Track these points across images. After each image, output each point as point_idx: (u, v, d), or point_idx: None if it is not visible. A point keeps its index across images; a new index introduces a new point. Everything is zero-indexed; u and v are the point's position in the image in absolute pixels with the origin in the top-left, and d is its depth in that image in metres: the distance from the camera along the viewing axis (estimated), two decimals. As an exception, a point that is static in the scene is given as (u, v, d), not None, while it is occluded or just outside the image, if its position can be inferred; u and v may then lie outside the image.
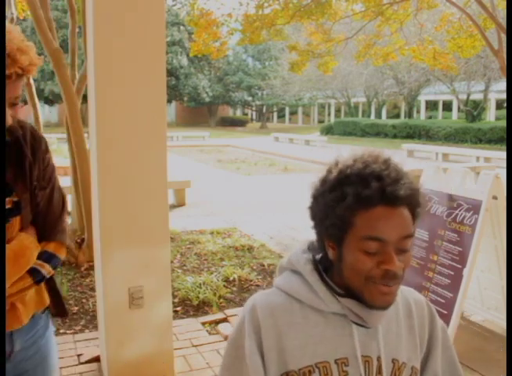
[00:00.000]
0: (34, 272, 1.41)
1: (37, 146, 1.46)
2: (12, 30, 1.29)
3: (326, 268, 1.11)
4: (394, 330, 1.11)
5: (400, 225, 1.00)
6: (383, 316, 1.07)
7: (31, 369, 1.52)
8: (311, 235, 1.14)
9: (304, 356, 1.04)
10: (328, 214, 1.03)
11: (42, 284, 1.49)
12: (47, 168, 1.48)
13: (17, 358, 1.47)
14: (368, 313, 1.04)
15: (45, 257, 1.44)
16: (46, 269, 1.44)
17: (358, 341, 1.06)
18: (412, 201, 1.02)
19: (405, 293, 1.18)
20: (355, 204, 0.99)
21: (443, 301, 3.21)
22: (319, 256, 1.14)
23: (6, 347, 1.41)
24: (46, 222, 1.47)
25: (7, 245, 1.35)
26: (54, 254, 1.47)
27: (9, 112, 1.28)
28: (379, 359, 1.07)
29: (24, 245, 1.39)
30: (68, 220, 1.54)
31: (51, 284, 1.55)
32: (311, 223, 1.11)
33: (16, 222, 1.40)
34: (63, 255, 1.51)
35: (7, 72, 1.23)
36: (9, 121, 1.28)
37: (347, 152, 1.09)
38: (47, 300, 1.55)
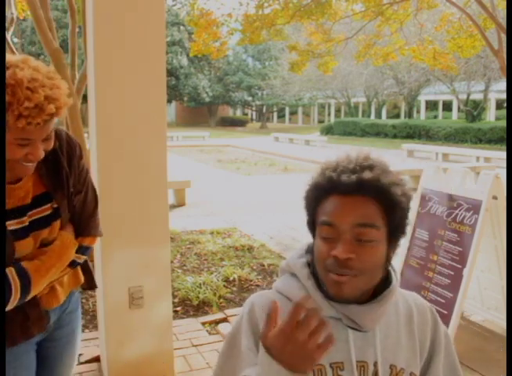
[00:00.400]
0: (72, 264, 1.59)
1: (73, 153, 1.57)
2: (41, 68, 1.30)
3: None
4: (394, 335, 1.10)
5: (353, 212, 1.01)
6: (376, 319, 1.06)
7: (63, 337, 1.71)
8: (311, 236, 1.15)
9: None
10: (307, 207, 1.11)
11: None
12: (81, 172, 1.60)
13: (51, 327, 1.64)
14: (362, 318, 1.04)
15: (82, 251, 1.62)
16: (82, 259, 1.64)
17: (354, 346, 1.05)
18: (376, 192, 1.01)
19: (408, 297, 1.17)
20: (316, 194, 1.06)
21: (443, 301, 3.21)
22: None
23: (43, 320, 1.57)
24: (81, 219, 1.62)
25: (50, 246, 1.51)
26: (88, 247, 1.66)
27: (41, 147, 1.34)
28: (375, 364, 1.06)
29: (65, 245, 1.54)
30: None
31: (84, 264, 1.71)
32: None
33: (56, 224, 1.54)
34: (96, 244, 1.72)
35: (34, 121, 1.24)
36: (41, 155, 1.35)
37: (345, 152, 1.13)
38: (82, 278, 1.73)
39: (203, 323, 3.76)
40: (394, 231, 1.05)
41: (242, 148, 22.24)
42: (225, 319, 3.81)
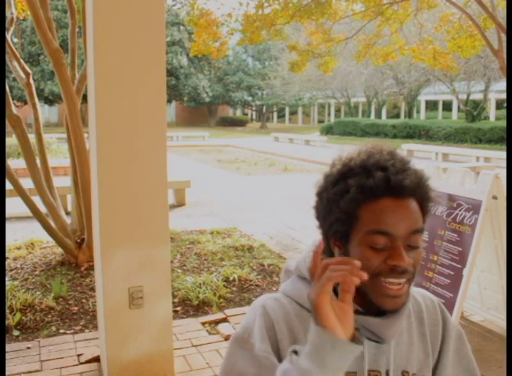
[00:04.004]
0: None
1: None
2: None
3: None
4: (406, 340, 1.06)
5: (408, 218, 0.93)
6: (397, 331, 1.01)
7: None
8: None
9: None
10: (332, 209, 0.96)
11: None
12: None
13: None
14: (383, 329, 0.98)
15: None
16: None
17: (368, 354, 1.01)
18: (421, 193, 0.96)
19: (417, 296, 1.12)
20: (358, 195, 0.93)
21: (443, 301, 3.21)
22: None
23: None
24: None
25: None
26: None
27: None
28: (388, 372, 1.02)
29: None
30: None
31: None
32: (316, 223, 1.05)
33: None
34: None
35: None
36: None
37: (350, 148, 1.05)
38: None
39: (203, 323, 3.76)
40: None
41: (242, 148, 22.24)
42: (225, 320, 3.81)
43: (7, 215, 5.07)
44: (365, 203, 0.93)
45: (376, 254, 0.93)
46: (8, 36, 5.01)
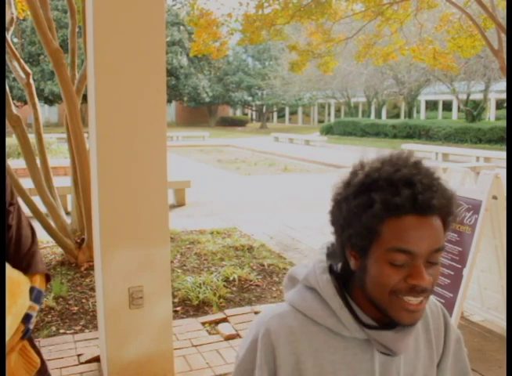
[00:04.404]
0: (26, 318, 1.23)
1: None
2: None
3: (346, 277, 1.02)
4: (413, 346, 1.05)
5: (431, 236, 0.90)
6: (409, 343, 1.00)
7: None
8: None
9: None
10: (352, 221, 0.93)
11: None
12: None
13: None
14: (396, 343, 0.97)
15: (34, 296, 1.27)
16: (36, 311, 1.28)
17: (379, 364, 1.00)
18: (446, 211, 0.93)
19: None
20: (383, 211, 0.89)
21: (443, 301, 3.21)
22: (338, 265, 1.05)
23: None
24: (22, 255, 1.31)
25: None
26: (40, 292, 1.33)
27: None
28: None
29: (15, 281, 1.20)
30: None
31: (32, 342, 1.30)
32: (331, 228, 1.01)
33: None
34: (44, 288, 1.38)
35: None
36: None
37: (372, 153, 1.00)
38: (37, 361, 1.31)
39: (203, 323, 3.76)
40: None
41: (242, 148, 22.24)
42: (225, 320, 3.81)
43: (7, 215, 5.05)
44: (388, 219, 0.90)
45: (395, 271, 0.91)
46: (8, 36, 5.01)
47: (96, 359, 3.15)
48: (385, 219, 0.90)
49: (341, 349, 0.99)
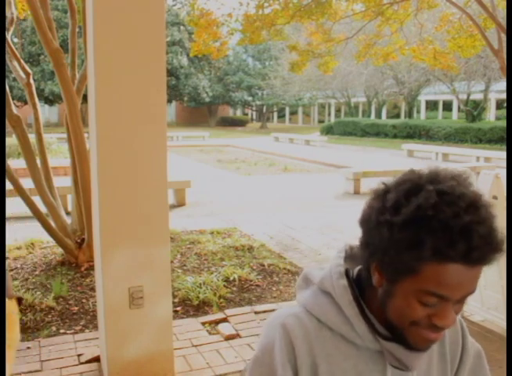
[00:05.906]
0: None
1: None
2: None
3: (363, 284, 0.99)
4: (426, 359, 1.01)
5: (471, 284, 0.86)
6: (423, 359, 0.98)
7: None
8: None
9: None
10: (390, 251, 0.85)
11: None
12: None
13: None
14: (410, 358, 0.94)
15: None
16: None
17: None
18: (494, 260, 0.87)
19: None
20: (430, 256, 0.82)
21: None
22: (355, 269, 1.02)
23: None
24: None
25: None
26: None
27: None
28: None
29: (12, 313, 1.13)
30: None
31: None
32: (359, 231, 0.94)
33: None
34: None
35: None
36: None
37: (410, 165, 0.92)
38: None
39: (203, 323, 3.76)
40: None
41: (242, 148, 22.24)
42: (225, 320, 3.81)
43: (7, 215, 5.06)
44: (432, 262, 0.83)
45: (422, 308, 0.87)
46: (8, 36, 5.01)
47: (96, 359, 3.15)
48: (428, 261, 0.83)
49: (353, 357, 0.97)
